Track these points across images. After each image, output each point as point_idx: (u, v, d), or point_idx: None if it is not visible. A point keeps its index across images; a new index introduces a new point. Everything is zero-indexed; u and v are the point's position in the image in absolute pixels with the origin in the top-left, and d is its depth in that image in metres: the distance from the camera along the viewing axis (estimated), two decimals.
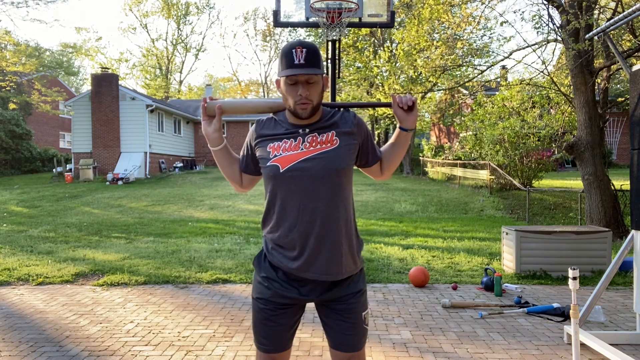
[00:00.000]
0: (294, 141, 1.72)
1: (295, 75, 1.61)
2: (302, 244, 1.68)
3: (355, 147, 1.76)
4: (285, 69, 1.63)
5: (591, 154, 7.35)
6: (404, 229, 8.79)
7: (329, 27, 5.24)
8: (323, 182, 1.67)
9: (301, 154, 1.69)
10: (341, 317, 1.74)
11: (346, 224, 1.72)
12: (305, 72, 1.60)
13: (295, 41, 1.65)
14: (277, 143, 1.72)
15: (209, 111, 1.77)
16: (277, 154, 1.71)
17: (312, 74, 1.62)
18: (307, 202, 1.67)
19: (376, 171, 1.88)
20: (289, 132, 1.73)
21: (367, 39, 24.02)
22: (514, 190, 12.71)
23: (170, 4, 40.40)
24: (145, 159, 20.90)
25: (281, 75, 1.64)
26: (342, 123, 1.75)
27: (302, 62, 1.60)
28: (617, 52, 3.83)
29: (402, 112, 1.76)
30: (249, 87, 53.23)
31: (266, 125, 1.79)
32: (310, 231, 1.67)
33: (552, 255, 5.30)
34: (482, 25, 13.45)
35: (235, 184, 1.89)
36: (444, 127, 27.82)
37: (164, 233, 8.53)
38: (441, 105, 22.15)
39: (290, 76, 1.62)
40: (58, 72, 29.44)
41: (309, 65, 1.61)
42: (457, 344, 3.38)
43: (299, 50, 1.61)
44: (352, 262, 1.76)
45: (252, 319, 1.83)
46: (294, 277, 1.72)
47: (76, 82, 47.52)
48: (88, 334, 3.58)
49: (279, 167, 1.68)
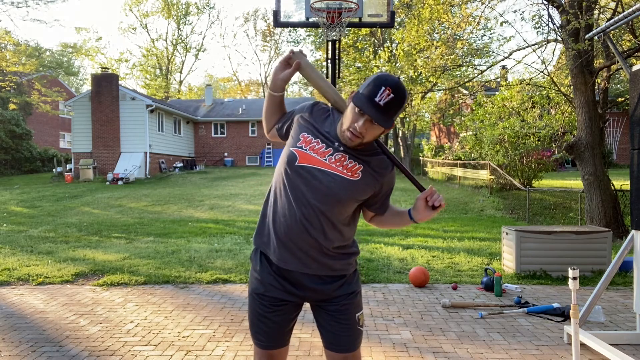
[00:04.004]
0: (325, 148, 1.67)
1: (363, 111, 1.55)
2: (280, 236, 1.70)
3: (371, 191, 1.70)
4: (363, 98, 1.55)
5: (591, 154, 7.35)
6: (404, 229, 8.79)
7: (329, 27, 5.24)
8: (324, 199, 1.64)
9: (322, 163, 1.65)
10: (334, 318, 1.74)
11: (325, 242, 1.68)
12: (375, 117, 1.53)
13: (392, 80, 1.53)
14: (311, 137, 1.70)
15: (291, 60, 1.76)
16: (304, 147, 1.68)
17: (378, 124, 1.56)
18: (302, 199, 1.65)
19: (369, 216, 1.84)
20: (328, 138, 1.69)
21: (367, 39, 24.02)
22: (514, 190, 12.71)
23: (170, 4, 40.42)
24: (145, 159, 20.90)
25: (355, 102, 1.55)
26: (377, 166, 1.69)
27: (381, 104, 1.52)
28: (617, 52, 3.83)
29: (424, 204, 1.65)
30: (249, 87, 53.25)
31: (318, 113, 1.76)
32: (292, 228, 1.67)
33: (552, 255, 5.30)
34: (482, 25, 13.47)
35: (266, 126, 1.93)
36: (444, 127, 27.83)
37: (164, 233, 8.53)
38: (441, 105, 22.13)
39: (359, 109, 1.56)
40: (58, 72, 29.49)
41: (385, 112, 1.54)
42: (457, 344, 3.38)
43: (386, 92, 1.52)
44: (330, 269, 1.73)
45: (249, 315, 1.84)
46: (286, 273, 1.73)
47: (76, 82, 47.53)
48: (88, 334, 3.58)
49: (297, 158, 1.66)
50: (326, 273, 1.73)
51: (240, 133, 27.94)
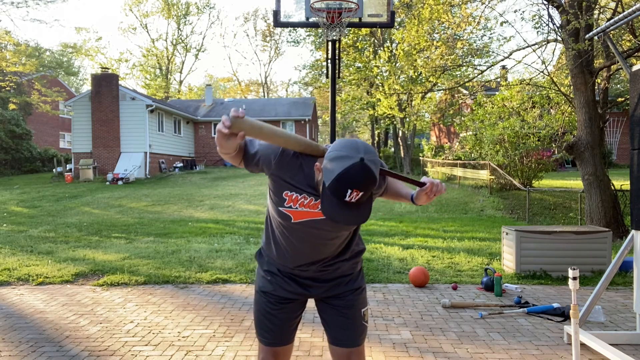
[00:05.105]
0: (315, 200, 1.59)
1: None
2: (290, 265, 1.77)
3: (371, 206, 1.68)
4: (332, 197, 1.40)
5: (591, 154, 7.35)
6: (404, 229, 8.79)
7: (329, 27, 5.24)
8: (330, 235, 1.67)
9: (318, 214, 1.60)
10: (340, 312, 1.78)
11: (345, 250, 1.77)
12: (348, 214, 1.42)
13: (356, 179, 1.35)
14: (295, 194, 1.59)
15: (234, 129, 1.44)
16: (293, 206, 1.60)
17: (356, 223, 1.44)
18: (308, 241, 1.68)
19: None
20: (312, 191, 1.58)
21: (367, 39, 24.02)
22: (514, 190, 12.71)
23: (171, 4, 40.40)
24: (145, 159, 20.90)
25: (323, 203, 1.42)
26: None
27: (353, 201, 1.40)
28: (617, 52, 3.83)
29: (426, 197, 1.61)
30: (249, 87, 53.26)
31: (289, 166, 1.58)
32: (301, 259, 1.74)
33: (552, 255, 5.30)
34: (482, 25, 13.47)
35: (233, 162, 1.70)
36: (444, 127, 27.83)
37: (164, 233, 8.53)
38: (441, 105, 22.14)
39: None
40: (58, 72, 29.46)
41: (359, 203, 1.42)
42: (457, 344, 3.38)
43: (354, 193, 1.38)
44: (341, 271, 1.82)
45: (254, 312, 1.85)
46: (294, 276, 1.79)
47: (76, 82, 47.51)
48: (88, 334, 3.58)
49: (290, 218, 1.63)
50: (337, 275, 1.79)
51: None
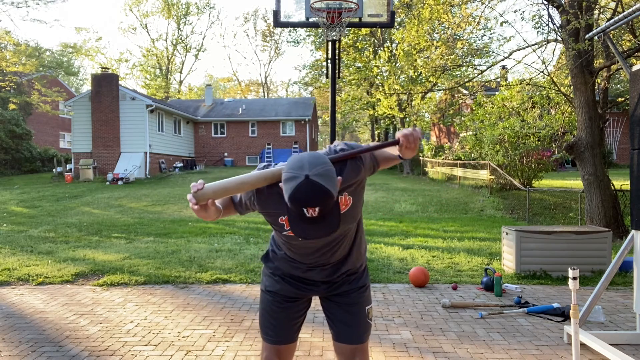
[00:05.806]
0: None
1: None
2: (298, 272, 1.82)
3: (364, 184, 1.70)
4: (295, 216, 1.43)
5: (591, 154, 7.35)
6: (404, 229, 8.79)
7: (329, 27, 5.24)
8: (337, 241, 1.72)
9: None
10: (345, 309, 1.80)
11: (351, 249, 1.80)
12: (317, 229, 1.43)
13: (307, 198, 1.36)
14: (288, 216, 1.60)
15: (200, 202, 1.55)
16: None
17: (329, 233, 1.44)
18: (319, 257, 1.74)
19: None
20: None
21: (367, 39, 24.03)
22: (514, 190, 12.70)
23: (171, 4, 40.41)
24: (145, 159, 20.90)
25: (290, 223, 1.44)
26: (352, 176, 1.62)
27: (314, 216, 1.41)
28: (617, 52, 3.83)
29: (406, 150, 1.64)
30: (249, 87, 53.27)
31: (269, 199, 1.65)
32: (317, 267, 1.78)
33: (552, 255, 5.30)
34: (482, 25, 13.46)
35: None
36: (444, 127, 27.83)
37: (164, 233, 8.53)
38: (441, 105, 22.15)
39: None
40: (58, 72, 29.48)
41: (320, 217, 1.41)
42: (457, 344, 3.38)
43: (310, 210, 1.39)
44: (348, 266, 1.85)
45: (259, 310, 1.88)
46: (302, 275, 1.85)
47: (76, 82, 47.52)
48: (88, 334, 3.58)
49: (293, 237, 1.68)
50: (342, 273, 1.82)
51: (240, 133, 27.94)
